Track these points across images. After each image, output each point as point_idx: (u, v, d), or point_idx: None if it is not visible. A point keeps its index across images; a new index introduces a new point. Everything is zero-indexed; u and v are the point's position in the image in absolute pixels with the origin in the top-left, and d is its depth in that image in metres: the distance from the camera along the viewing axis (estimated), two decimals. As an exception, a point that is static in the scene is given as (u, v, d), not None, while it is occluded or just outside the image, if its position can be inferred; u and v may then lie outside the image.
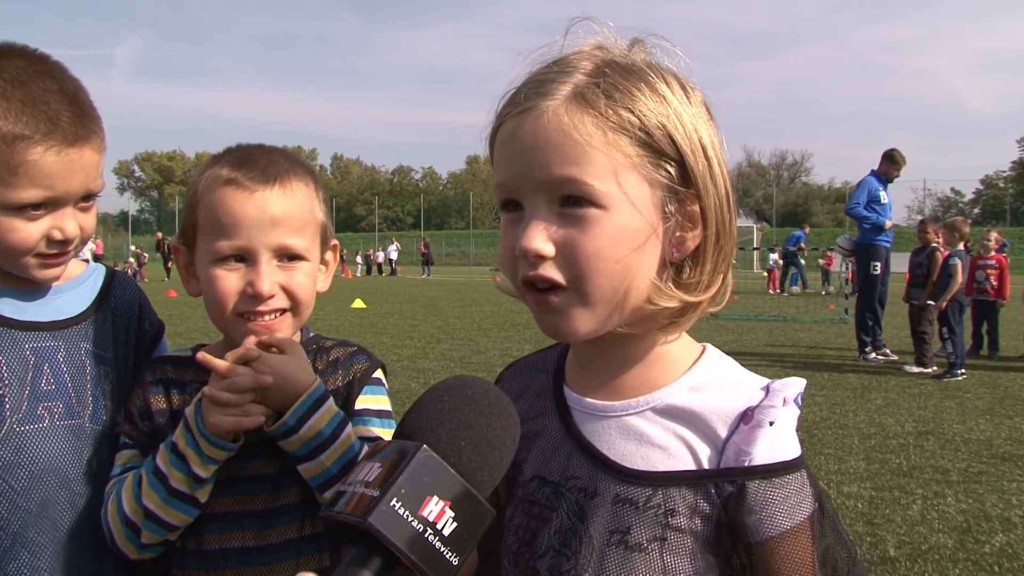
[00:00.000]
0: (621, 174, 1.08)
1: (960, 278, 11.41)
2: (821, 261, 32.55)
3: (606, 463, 1.18)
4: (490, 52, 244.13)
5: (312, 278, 1.65)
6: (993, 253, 13.59)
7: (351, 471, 0.96)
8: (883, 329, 12.83)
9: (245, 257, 1.57)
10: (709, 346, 1.26)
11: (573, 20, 1.18)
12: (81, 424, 1.65)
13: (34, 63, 1.55)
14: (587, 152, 1.07)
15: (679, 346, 1.23)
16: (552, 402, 1.29)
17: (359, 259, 58.99)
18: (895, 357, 12.45)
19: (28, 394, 1.60)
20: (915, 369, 11.41)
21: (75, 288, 1.75)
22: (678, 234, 1.14)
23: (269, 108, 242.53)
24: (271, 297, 1.57)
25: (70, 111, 1.53)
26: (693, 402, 1.17)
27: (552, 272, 1.10)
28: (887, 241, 12.54)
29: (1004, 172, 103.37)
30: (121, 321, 1.79)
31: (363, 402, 1.66)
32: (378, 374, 1.72)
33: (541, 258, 1.09)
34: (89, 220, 1.63)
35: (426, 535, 0.88)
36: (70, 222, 1.58)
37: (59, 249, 1.60)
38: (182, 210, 1.70)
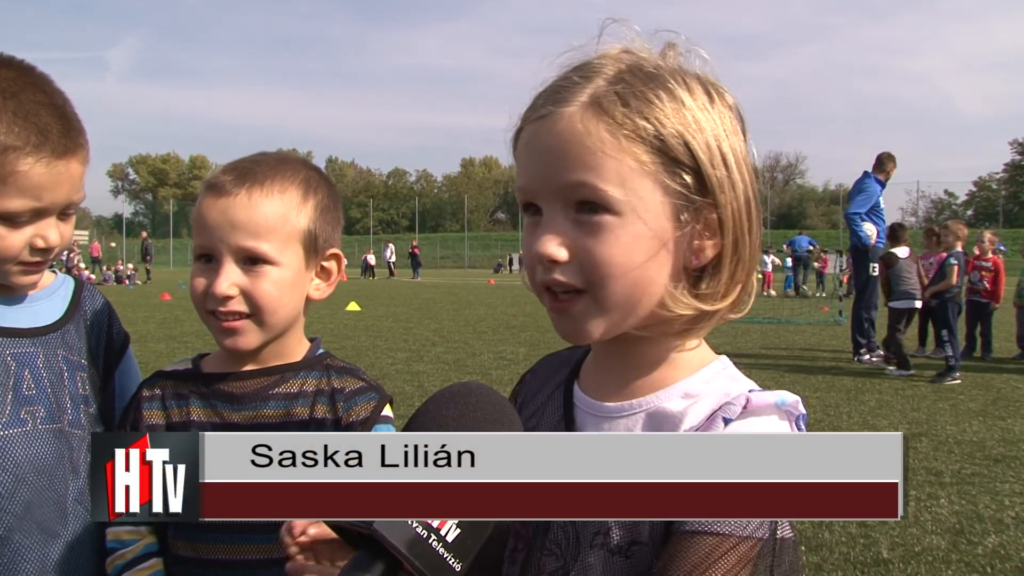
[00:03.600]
0: (635, 181, 1.09)
1: (955, 279, 11.49)
2: (816, 264, 32.64)
3: None
4: (485, 54, 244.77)
5: (281, 285, 1.63)
6: (990, 255, 13.65)
7: None
8: (878, 331, 12.89)
9: (212, 256, 1.62)
10: (722, 357, 1.24)
11: (605, 22, 1.18)
12: (62, 428, 1.68)
13: (23, 75, 1.58)
14: (601, 158, 1.08)
15: (692, 354, 1.21)
16: (560, 399, 1.30)
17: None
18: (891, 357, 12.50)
19: (11, 398, 1.63)
20: (894, 372, 11.54)
21: (48, 297, 1.78)
22: (696, 243, 1.13)
23: (264, 111, 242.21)
24: (228, 299, 1.60)
25: (59, 124, 1.56)
26: (680, 407, 1.16)
27: (567, 277, 1.11)
28: (882, 242, 12.58)
29: (997, 174, 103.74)
30: (93, 330, 1.83)
31: None
32: (387, 411, 1.72)
33: (555, 263, 1.10)
34: (68, 229, 1.67)
35: (429, 541, 0.88)
36: (53, 231, 1.61)
37: (41, 257, 1.63)
38: None
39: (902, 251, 12.32)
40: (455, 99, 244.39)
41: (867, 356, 12.48)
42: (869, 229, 12.33)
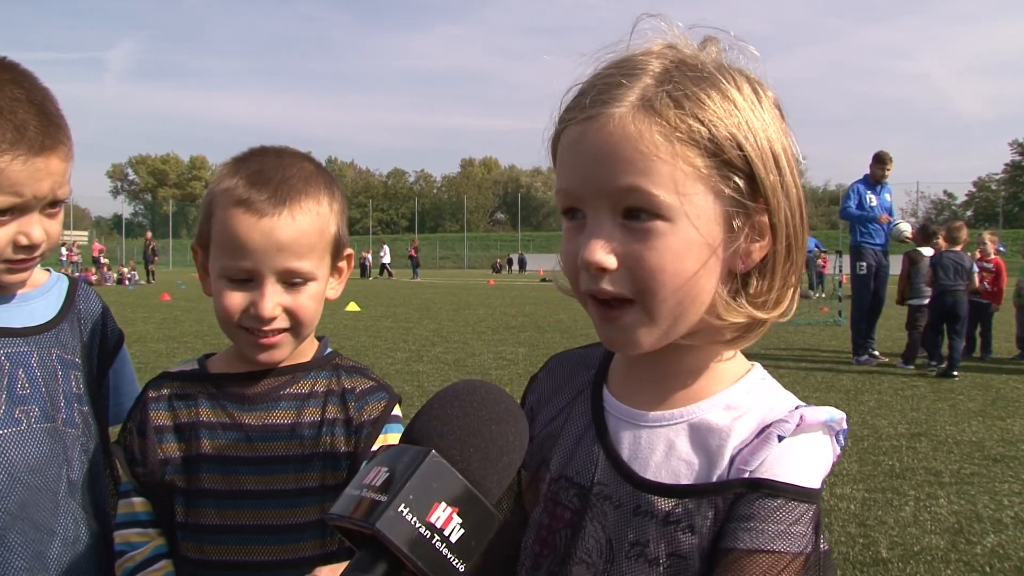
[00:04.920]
0: (688, 186, 1.04)
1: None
2: (819, 261, 32.58)
3: (628, 472, 1.16)
4: (484, 55, 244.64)
5: (317, 298, 1.64)
6: (993, 256, 13.64)
7: (358, 475, 0.96)
8: (875, 330, 12.89)
9: (251, 277, 1.58)
10: (757, 365, 1.22)
11: (639, 17, 1.13)
12: (56, 427, 1.68)
13: (2, 72, 1.57)
14: (653, 162, 1.03)
15: (728, 363, 1.19)
16: (588, 402, 1.26)
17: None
18: (886, 359, 12.51)
19: (5, 398, 1.63)
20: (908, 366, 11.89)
21: (43, 296, 1.78)
22: (744, 246, 1.09)
23: (263, 111, 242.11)
24: (273, 319, 1.59)
25: (37, 120, 1.54)
26: (724, 420, 1.14)
27: (615, 286, 1.07)
28: (872, 243, 12.59)
29: (996, 175, 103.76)
30: (87, 328, 1.83)
31: (383, 441, 1.66)
32: (396, 411, 1.72)
33: (603, 271, 1.06)
34: (55, 226, 1.66)
35: (433, 541, 0.87)
36: (36, 228, 1.60)
37: (26, 255, 1.62)
38: (199, 212, 1.70)
39: (928, 250, 12.43)
40: (454, 100, 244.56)
41: (864, 356, 12.50)
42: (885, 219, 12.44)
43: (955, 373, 11.09)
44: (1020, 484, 6.11)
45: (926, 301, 12.01)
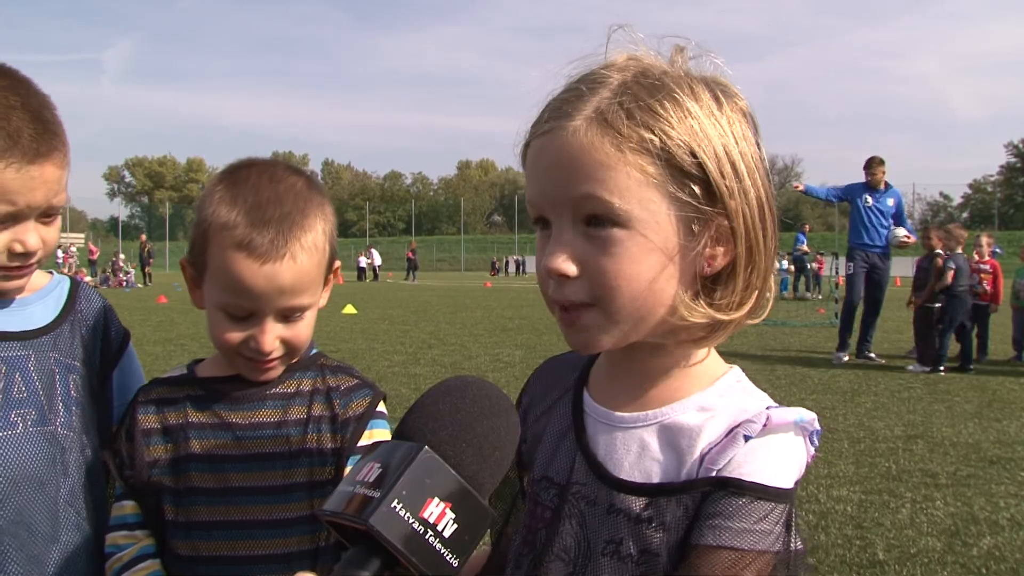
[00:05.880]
0: (643, 193, 1.07)
1: (949, 280, 12.03)
2: (813, 264, 32.63)
3: (602, 472, 1.18)
4: (481, 57, 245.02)
5: (312, 321, 1.66)
6: (988, 258, 13.72)
7: (351, 471, 0.96)
8: (872, 332, 12.97)
9: (251, 315, 1.58)
10: (735, 368, 1.24)
11: (611, 28, 1.16)
12: (54, 431, 1.67)
13: None
14: (607, 171, 1.07)
15: (704, 364, 1.21)
16: (570, 405, 1.30)
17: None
18: (882, 361, 12.55)
19: (1, 401, 1.62)
20: (916, 368, 11.92)
21: (42, 299, 1.77)
22: (707, 251, 1.12)
23: (260, 113, 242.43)
24: (272, 351, 1.60)
25: (32, 128, 1.52)
26: (696, 420, 1.15)
27: (576, 295, 1.11)
28: (862, 244, 12.65)
29: (992, 176, 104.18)
30: (88, 330, 1.81)
31: (369, 437, 1.67)
32: (381, 407, 1.73)
33: (565, 278, 1.10)
34: (52, 233, 1.64)
35: (427, 537, 0.88)
36: (32, 235, 1.58)
37: (21, 262, 1.60)
38: (192, 230, 1.67)
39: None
40: (451, 102, 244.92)
41: (842, 354, 12.66)
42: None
43: (971, 367, 11.94)
44: (1016, 486, 6.12)
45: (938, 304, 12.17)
